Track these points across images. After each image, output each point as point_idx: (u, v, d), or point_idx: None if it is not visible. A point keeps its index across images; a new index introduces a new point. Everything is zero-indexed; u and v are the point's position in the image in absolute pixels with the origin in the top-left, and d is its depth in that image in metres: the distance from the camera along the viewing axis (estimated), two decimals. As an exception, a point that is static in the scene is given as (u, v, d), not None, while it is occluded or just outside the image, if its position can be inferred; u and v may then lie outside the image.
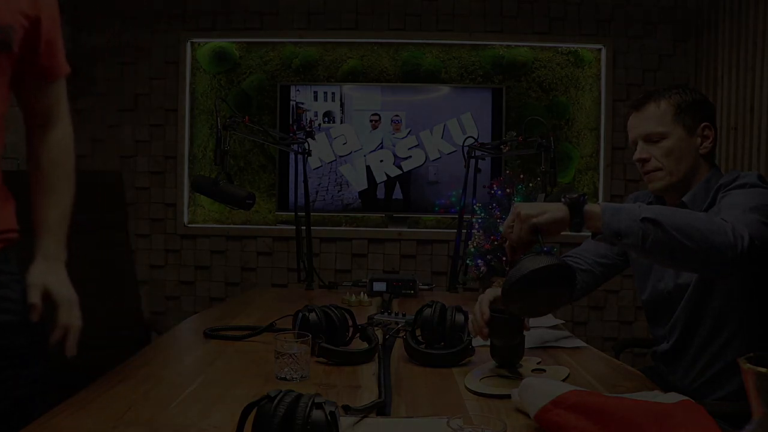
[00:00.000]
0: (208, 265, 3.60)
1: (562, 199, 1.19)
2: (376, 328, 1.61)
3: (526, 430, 1.02)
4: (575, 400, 0.97)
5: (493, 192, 2.40)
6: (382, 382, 1.23)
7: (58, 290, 1.23)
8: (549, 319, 1.84)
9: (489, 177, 3.26)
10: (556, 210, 1.18)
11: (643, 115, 1.55)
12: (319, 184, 3.51)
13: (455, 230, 2.60)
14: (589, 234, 1.24)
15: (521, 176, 2.45)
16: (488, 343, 1.38)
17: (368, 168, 3.53)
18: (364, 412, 1.04)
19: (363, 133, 3.52)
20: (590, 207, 1.18)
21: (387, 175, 3.53)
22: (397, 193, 3.54)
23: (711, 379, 1.49)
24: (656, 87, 1.61)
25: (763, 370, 0.59)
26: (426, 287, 2.54)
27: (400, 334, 1.54)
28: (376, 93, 3.53)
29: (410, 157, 3.52)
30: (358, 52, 3.58)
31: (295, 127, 3.51)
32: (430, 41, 3.55)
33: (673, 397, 0.99)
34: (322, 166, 3.52)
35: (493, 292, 1.40)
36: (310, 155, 2.67)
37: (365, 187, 3.54)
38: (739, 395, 1.38)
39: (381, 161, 3.52)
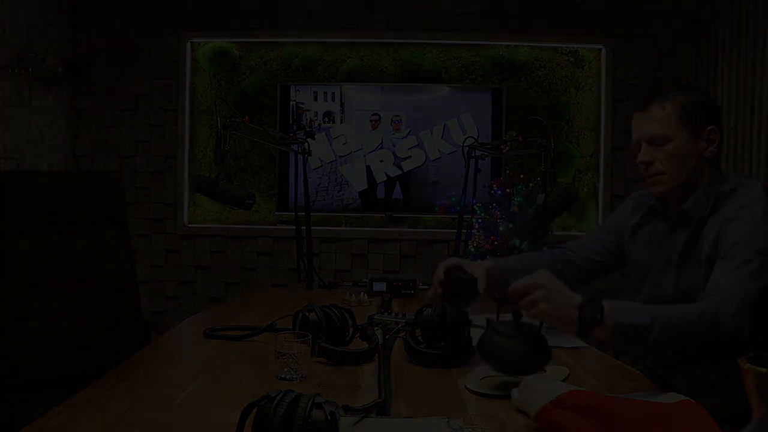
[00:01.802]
0: (208, 265, 3.60)
1: (578, 309, 1.17)
2: (376, 328, 1.61)
3: (526, 430, 1.01)
4: (575, 400, 0.97)
5: (493, 192, 2.40)
6: (382, 382, 1.23)
7: None
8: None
9: (489, 177, 3.26)
10: (568, 320, 1.19)
11: (647, 116, 1.50)
12: (319, 184, 3.51)
13: (455, 230, 2.60)
14: (589, 230, 1.24)
15: (521, 176, 2.45)
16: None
17: (368, 168, 3.53)
18: (364, 412, 1.04)
19: (363, 133, 3.52)
20: (603, 324, 1.18)
21: (387, 175, 3.53)
22: (397, 193, 3.53)
23: (710, 383, 1.48)
24: (661, 85, 1.56)
25: (763, 370, 0.59)
26: (426, 287, 2.54)
27: (400, 334, 1.54)
28: (376, 93, 3.53)
29: (410, 157, 3.52)
30: (358, 52, 3.58)
31: (295, 127, 3.51)
32: (430, 41, 3.55)
33: (673, 397, 0.99)
34: (322, 166, 3.52)
35: (452, 260, 1.54)
36: (310, 155, 2.67)
37: (365, 187, 3.54)
38: (739, 401, 1.37)
39: (381, 161, 3.52)
